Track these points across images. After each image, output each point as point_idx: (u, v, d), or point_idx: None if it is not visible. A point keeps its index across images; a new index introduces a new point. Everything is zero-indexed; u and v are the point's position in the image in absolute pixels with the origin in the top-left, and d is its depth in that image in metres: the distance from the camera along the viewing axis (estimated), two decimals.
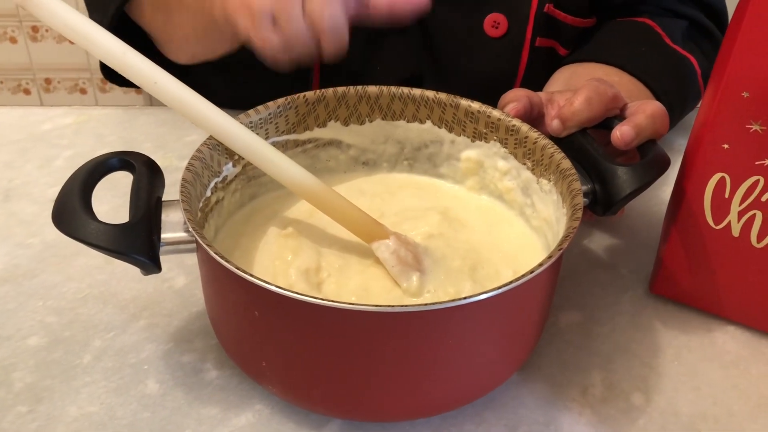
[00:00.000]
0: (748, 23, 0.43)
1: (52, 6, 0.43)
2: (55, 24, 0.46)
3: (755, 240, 0.48)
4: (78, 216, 0.40)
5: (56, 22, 0.45)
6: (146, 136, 0.70)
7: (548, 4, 0.70)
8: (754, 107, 0.45)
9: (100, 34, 0.44)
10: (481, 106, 0.54)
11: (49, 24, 0.46)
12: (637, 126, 0.48)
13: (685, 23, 0.71)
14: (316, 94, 0.54)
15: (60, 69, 2.19)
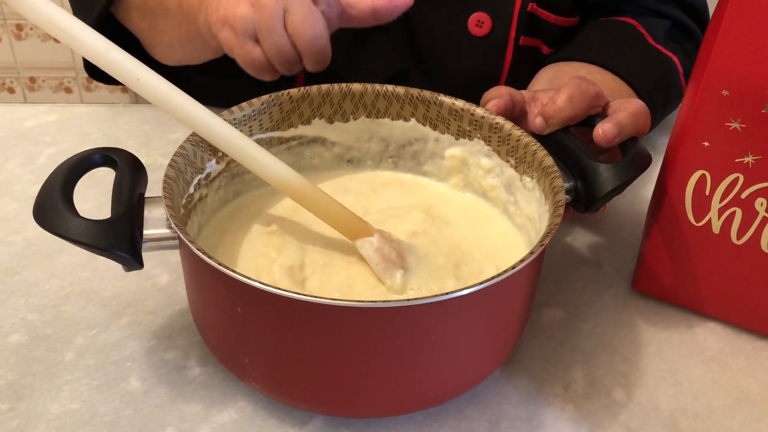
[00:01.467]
0: (727, 23, 0.43)
1: (36, 3, 0.43)
2: (38, 20, 0.45)
3: (735, 237, 0.49)
4: (59, 212, 0.40)
5: (40, 18, 0.44)
6: (130, 134, 0.70)
7: (531, 3, 0.70)
8: (733, 105, 0.45)
9: (84, 31, 0.43)
10: (464, 104, 0.54)
11: (33, 20, 0.46)
12: (619, 124, 0.49)
13: (668, 23, 0.72)
14: (300, 91, 0.54)
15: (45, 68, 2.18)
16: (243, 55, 0.51)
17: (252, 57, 0.51)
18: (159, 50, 0.67)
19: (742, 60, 0.44)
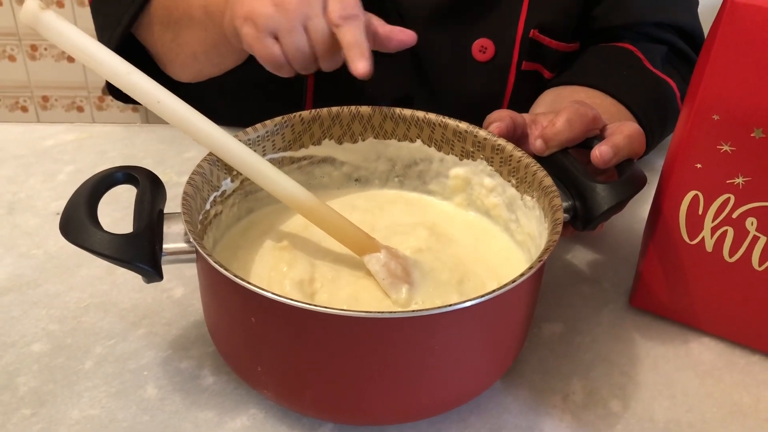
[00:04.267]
0: (717, 52, 0.46)
1: (62, 28, 0.46)
2: (63, 45, 0.48)
3: (727, 255, 0.51)
4: (85, 227, 0.42)
5: (65, 43, 0.47)
6: (146, 152, 0.72)
7: (533, 30, 0.73)
8: (723, 129, 0.48)
9: (107, 55, 0.46)
10: (468, 126, 0.57)
11: (58, 45, 0.49)
12: (615, 146, 0.51)
13: (665, 48, 0.75)
14: (311, 113, 0.57)
15: (57, 87, 2.22)
16: (262, 50, 0.55)
17: (271, 53, 0.55)
18: (178, 64, 0.70)
19: (731, 87, 0.46)
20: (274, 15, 0.53)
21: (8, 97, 2.22)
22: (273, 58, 0.55)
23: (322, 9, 0.54)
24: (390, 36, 0.57)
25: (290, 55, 0.55)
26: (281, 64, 0.55)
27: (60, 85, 2.19)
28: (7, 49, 2.15)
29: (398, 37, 0.57)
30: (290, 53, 0.55)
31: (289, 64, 0.56)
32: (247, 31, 0.55)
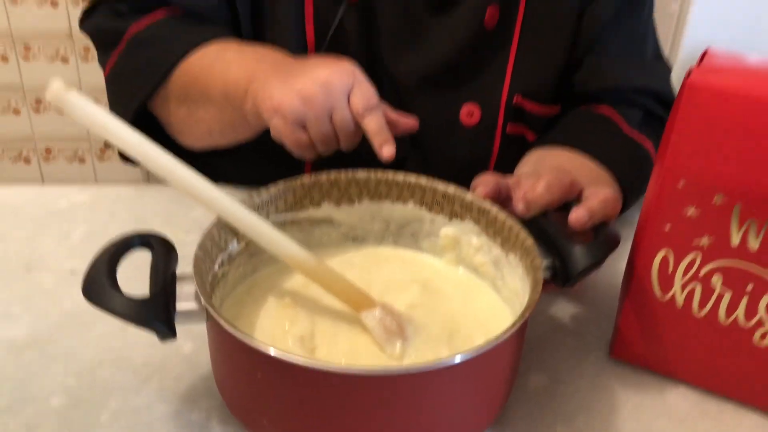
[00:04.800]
0: (679, 127, 0.51)
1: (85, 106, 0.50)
2: (85, 121, 0.52)
3: (697, 309, 0.55)
4: (107, 290, 0.46)
5: (87, 120, 0.51)
6: (155, 212, 0.77)
7: (517, 95, 0.78)
8: (689, 195, 0.52)
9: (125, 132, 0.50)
10: (456, 189, 0.61)
11: (80, 121, 0.53)
12: (591, 210, 0.55)
13: (641, 111, 0.80)
14: (311, 178, 0.62)
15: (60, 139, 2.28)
16: (292, 140, 0.62)
17: (300, 142, 0.62)
18: (192, 136, 0.75)
19: (693, 158, 0.51)
20: (302, 108, 0.60)
21: (12, 149, 2.27)
22: (300, 146, 0.62)
23: (346, 101, 0.60)
24: (397, 122, 0.64)
25: (317, 141, 0.62)
26: (308, 149, 0.62)
27: (63, 137, 2.24)
28: (11, 103, 2.21)
29: (404, 122, 0.63)
30: (317, 140, 0.62)
31: (314, 147, 0.63)
32: (277, 122, 0.61)
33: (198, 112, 0.72)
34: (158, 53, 0.73)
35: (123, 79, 0.76)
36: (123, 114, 0.75)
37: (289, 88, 0.61)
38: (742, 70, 0.52)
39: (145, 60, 0.74)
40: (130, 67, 0.75)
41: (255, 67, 0.66)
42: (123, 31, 0.75)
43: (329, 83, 0.60)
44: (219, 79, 0.68)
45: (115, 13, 0.77)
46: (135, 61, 0.75)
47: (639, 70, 0.80)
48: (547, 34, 0.78)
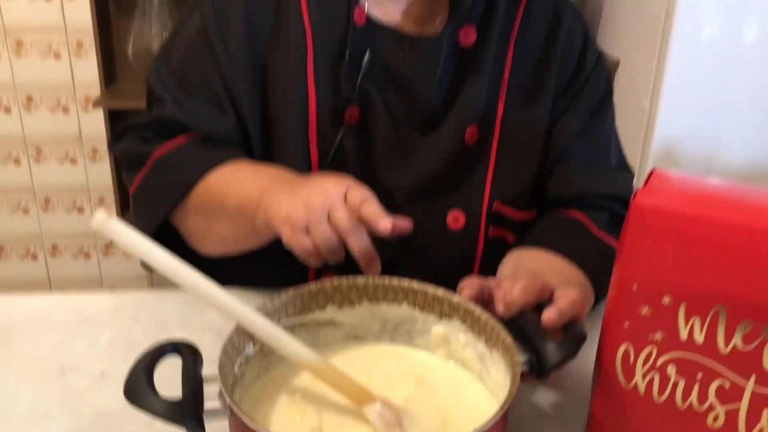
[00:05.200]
0: (629, 240, 0.60)
1: (125, 232, 0.59)
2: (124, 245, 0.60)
3: (657, 396, 0.63)
4: (146, 394, 0.54)
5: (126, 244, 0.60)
6: (174, 316, 0.85)
7: (496, 202, 0.88)
8: (641, 297, 0.61)
9: (157, 253, 0.59)
10: (444, 292, 0.70)
11: (120, 244, 0.61)
12: (560, 311, 0.64)
13: (607, 214, 0.90)
14: (317, 285, 0.70)
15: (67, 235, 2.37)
16: (298, 245, 0.68)
17: (304, 246, 0.68)
18: (210, 244, 0.84)
19: (643, 265, 0.60)
20: (304, 214, 0.67)
21: (20, 246, 2.36)
22: (305, 250, 0.68)
23: (341, 201, 0.68)
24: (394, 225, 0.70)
25: (320, 244, 0.67)
26: (312, 254, 0.68)
27: (69, 233, 2.34)
28: (22, 203, 2.31)
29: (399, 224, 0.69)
30: (319, 243, 0.67)
31: (319, 253, 0.68)
32: (286, 231, 0.69)
33: (215, 224, 0.82)
34: (179, 174, 0.83)
35: (147, 196, 0.86)
36: (147, 226, 0.84)
37: (295, 199, 0.70)
38: (682, 191, 0.62)
39: (168, 180, 0.84)
40: (154, 186, 0.85)
41: (265, 184, 0.76)
42: (149, 154, 0.85)
43: (326, 189, 0.69)
44: (234, 195, 0.78)
45: (142, 138, 0.87)
46: (158, 181, 0.85)
47: (604, 178, 0.91)
48: (521, 148, 0.89)
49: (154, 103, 0.88)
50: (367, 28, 0.84)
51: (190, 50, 0.86)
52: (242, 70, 0.84)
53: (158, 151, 0.85)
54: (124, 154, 0.89)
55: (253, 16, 0.84)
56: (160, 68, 0.87)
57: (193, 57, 0.85)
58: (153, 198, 0.85)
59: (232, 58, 0.84)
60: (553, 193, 0.90)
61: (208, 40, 0.84)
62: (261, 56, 0.85)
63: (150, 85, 0.88)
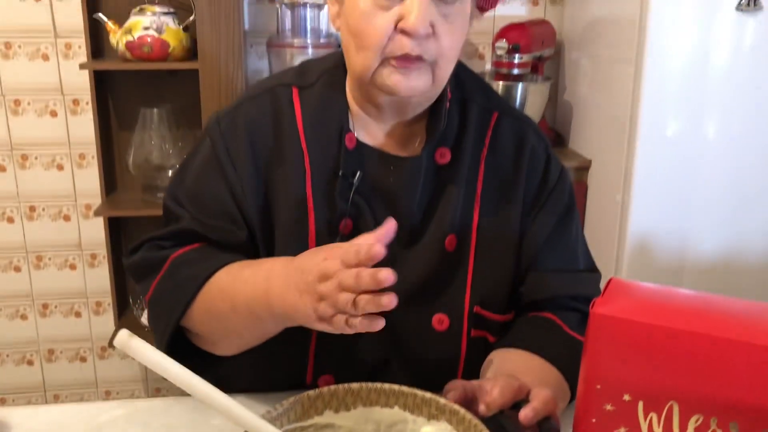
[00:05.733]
0: (590, 345, 0.68)
1: (145, 350, 0.67)
2: (145, 361, 0.68)
3: None
4: None
5: (147, 360, 0.68)
6: (180, 421, 0.91)
7: (476, 306, 0.96)
8: (605, 394, 0.69)
9: (175, 368, 0.66)
10: (431, 395, 0.77)
11: (141, 361, 0.69)
12: (535, 409, 0.71)
13: (579, 315, 0.98)
14: (315, 392, 0.77)
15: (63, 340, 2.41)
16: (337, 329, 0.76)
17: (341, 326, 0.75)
18: (226, 341, 0.91)
19: (603, 367, 0.68)
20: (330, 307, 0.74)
21: (17, 352, 2.39)
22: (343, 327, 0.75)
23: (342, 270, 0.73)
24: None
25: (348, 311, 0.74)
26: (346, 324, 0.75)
27: (66, 338, 2.38)
28: (20, 309, 2.37)
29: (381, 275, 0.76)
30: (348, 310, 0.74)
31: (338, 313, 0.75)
32: (325, 328, 0.77)
33: (228, 320, 0.88)
34: (192, 270, 0.91)
35: (164, 297, 0.93)
36: (164, 330, 0.91)
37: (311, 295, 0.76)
38: (636, 299, 0.71)
39: (182, 276, 0.92)
40: (171, 286, 0.92)
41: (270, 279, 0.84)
42: (166, 257, 0.93)
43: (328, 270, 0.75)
44: (240, 290, 0.86)
45: (160, 247, 0.96)
46: (174, 279, 0.92)
47: (573, 281, 1.00)
48: (496, 255, 0.98)
49: (171, 221, 0.97)
50: (356, 150, 0.95)
51: (202, 173, 0.96)
52: (249, 189, 0.94)
53: (175, 253, 0.93)
54: (142, 260, 0.96)
55: (255, 142, 0.95)
56: (175, 190, 0.97)
57: (206, 178, 0.95)
58: (169, 298, 0.92)
59: (241, 178, 0.94)
60: (527, 296, 0.99)
61: (218, 163, 0.95)
62: (265, 176, 0.95)
63: (167, 206, 0.97)
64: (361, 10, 0.85)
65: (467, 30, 0.91)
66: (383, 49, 0.85)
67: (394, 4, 0.84)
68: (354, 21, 0.86)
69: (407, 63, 0.85)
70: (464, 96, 0.99)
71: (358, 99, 0.96)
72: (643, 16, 1.81)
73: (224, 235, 0.94)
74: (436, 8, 0.84)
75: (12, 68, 2.12)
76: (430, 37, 0.84)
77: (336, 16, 0.92)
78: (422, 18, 0.82)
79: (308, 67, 1.00)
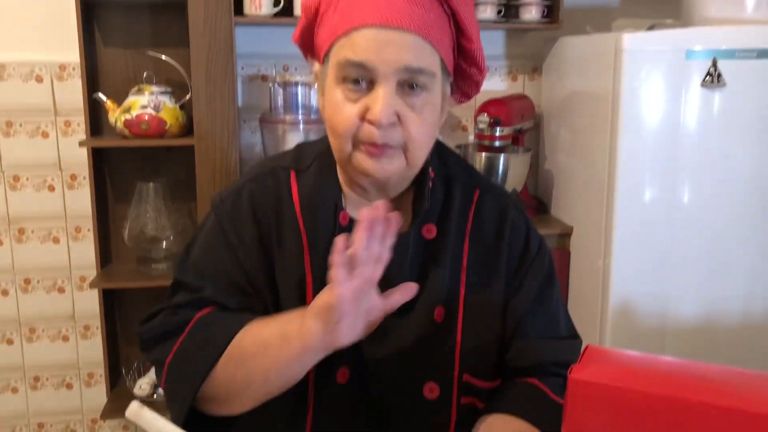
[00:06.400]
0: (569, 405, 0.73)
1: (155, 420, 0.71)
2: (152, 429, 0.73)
3: None
4: None
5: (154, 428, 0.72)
6: None
7: (465, 374, 1.01)
8: None
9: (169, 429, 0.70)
10: None
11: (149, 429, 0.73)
12: None
13: (561, 380, 1.03)
14: None
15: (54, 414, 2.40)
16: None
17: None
18: (245, 394, 0.92)
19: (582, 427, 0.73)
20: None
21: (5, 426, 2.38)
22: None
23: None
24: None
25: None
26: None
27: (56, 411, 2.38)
28: (11, 383, 2.37)
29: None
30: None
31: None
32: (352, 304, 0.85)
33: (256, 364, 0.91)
34: (224, 323, 0.95)
35: (188, 356, 0.95)
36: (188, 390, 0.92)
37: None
38: (613, 364, 0.76)
39: (212, 332, 0.95)
40: (199, 342, 0.95)
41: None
42: (188, 320, 0.97)
43: None
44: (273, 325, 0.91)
45: (177, 313, 0.99)
46: (203, 335, 0.95)
47: (556, 348, 1.05)
48: (483, 325, 1.03)
49: (180, 291, 1.02)
50: (350, 227, 1.01)
51: (211, 248, 1.02)
52: (255, 260, 1.00)
53: (198, 315, 0.97)
54: (161, 325, 0.99)
55: (260, 221, 1.01)
56: (185, 264, 1.03)
57: (214, 251, 1.01)
58: (195, 356, 0.94)
59: (246, 250, 1.00)
60: (512, 363, 1.04)
61: (225, 237, 1.01)
62: (268, 250, 1.01)
63: (179, 279, 1.02)
64: (334, 102, 0.93)
65: (439, 116, 0.98)
66: (354, 137, 0.93)
67: (361, 96, 0.91)
68: (329, 111, 0.95)
69: (375, 150, 0.92)
70: (448, 174, 1.07)
71: (346, 179, 1.03)
72: (616, 89, 1.92)
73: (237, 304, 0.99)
74: (402, 99, 0.91)
75: (12, 145, 2.20)
76: (396, 126, 0.91)
77: (322, 109, 1.00)
78: (386, 110, 0.89)
79: (303, 150, 1.08)
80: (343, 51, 0.90)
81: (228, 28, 1.92)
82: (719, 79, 1.89)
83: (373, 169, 0.93)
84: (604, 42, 1.98)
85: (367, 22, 0.89)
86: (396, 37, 0.89)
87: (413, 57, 0.89)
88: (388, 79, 0.89)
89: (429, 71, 0.92)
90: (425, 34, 0.90)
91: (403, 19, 0.88)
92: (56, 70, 2.17)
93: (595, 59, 2.04)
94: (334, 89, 0.93)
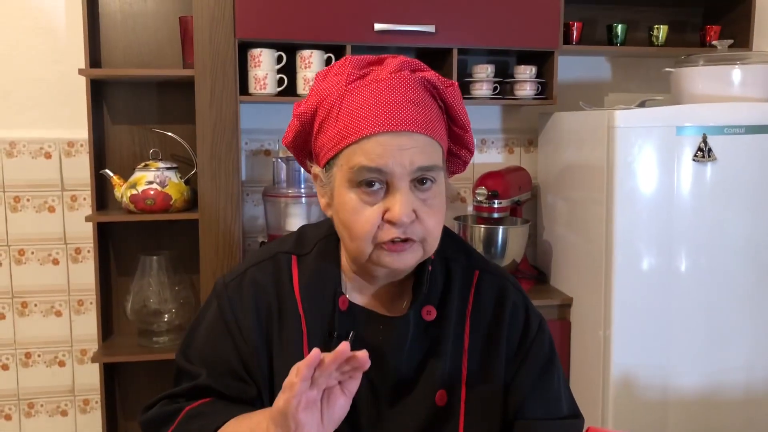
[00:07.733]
0: None
1: None
2: None
3: None
4: None
5: None
6: None
7: None
8: None
9: None
10: None
11: None
12: None
13: None
14: None
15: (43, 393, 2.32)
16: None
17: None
18: None
19: None
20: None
21: None
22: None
23: None
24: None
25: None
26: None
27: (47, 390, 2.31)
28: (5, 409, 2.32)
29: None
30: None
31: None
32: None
33: None
34: (205, 422, 0.97)
35: None
36: None
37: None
38: None
39: (195, 427, 0.98)
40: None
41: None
42: (180, 409, 1.00)
43: None
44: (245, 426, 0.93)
45: (174, 402, 1.03)
46: (189, 428, 0.98)
47: (557, 428, 1.05)
48: (485, 406, 1.04)
49: (183, 378, 1.04)
50: (349, 311, 1.03)
51: (211, 334, 1.04)
52: (255, 350, 1.01)
53: (189, 407, 1.00)
54: (157, 416, 1.02)
55: (260, 307, 1.03)
56: (187, 350, 1.05)
57: (215, 341, 1.03)
58: None
59: (246, 340, 1.01)
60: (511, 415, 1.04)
61: (226, 325, 1.03)
62: (268, 338, 1.02)
63: (180, 366, 1.05)
64: (351, 206, 0.95)
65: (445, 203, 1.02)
66: (374, 238, 0.95)
67: (378, 199, 0.94)
68: (344, 215, 0.96)
69: (397, 247, 0.95)
70: (447, 256, 1.09)
71: (353, 266, 1.05)
72: (610, 162, 1.97)
73: (236, 392, 1.01)
74: (416, 195, 0.95)
75: (19, 220, 2.23)
76: (414, 222, 0.95)
77: (327, 207, 1.02)
78: (406, 209, 0.93)
79: (305, 234, 1.10)
80: (356, 158, 0.93)
81: (233, 107, 1.99)
82: (710, 154, 1.94)
83: (395, 263, 0.96)
84: (597, 118, 2.04)
85: (377, 129, 0.92)
86: (407, 141, 0.93)
87: (425, 157, 0.94)
88: (404, 180, 0.93)
89: (437, 166, 0.96)
90: (431, 133, 0.94)
91: (411, 123, 0.93)
92: (64, 147, 2.22)
93: (588, 134, 2.10)
94: (348, 193, 0.95)
